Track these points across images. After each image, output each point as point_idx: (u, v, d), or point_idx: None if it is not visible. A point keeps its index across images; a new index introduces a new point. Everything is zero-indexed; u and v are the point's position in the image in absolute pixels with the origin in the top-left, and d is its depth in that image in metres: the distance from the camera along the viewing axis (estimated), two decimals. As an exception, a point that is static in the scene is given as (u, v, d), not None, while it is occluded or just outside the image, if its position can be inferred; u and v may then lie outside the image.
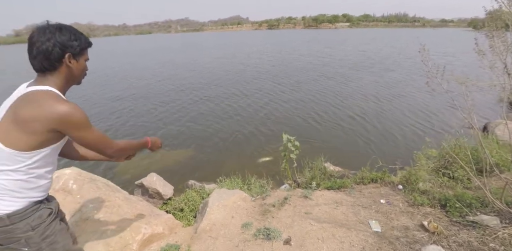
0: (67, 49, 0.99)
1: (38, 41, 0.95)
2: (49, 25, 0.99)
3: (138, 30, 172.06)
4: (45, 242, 1.05)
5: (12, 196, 0.97)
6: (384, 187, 2.66)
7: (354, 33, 50.22)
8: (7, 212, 0.96)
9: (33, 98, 0.93)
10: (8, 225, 0.97)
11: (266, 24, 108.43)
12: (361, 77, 11.13)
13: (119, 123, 6.96)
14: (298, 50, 23.10)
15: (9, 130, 0.92)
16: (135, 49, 33.93)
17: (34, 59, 0.97)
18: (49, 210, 1.09)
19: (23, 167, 0.96)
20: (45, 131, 0.93)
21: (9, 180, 0.96)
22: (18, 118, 0.91)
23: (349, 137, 5.58)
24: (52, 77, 1.00)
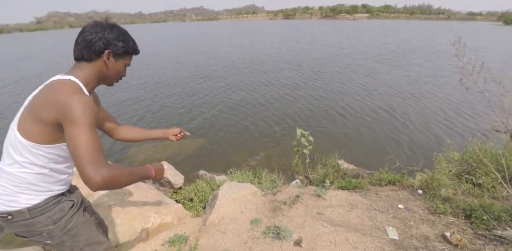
0: (110, 46, 0.99)
1: (87, 31, 0.97)
2: (105, 22, 1.01)
3: (154, 19, 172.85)
4: (67, 235, 1.06)
5: (33, 189, 0.96)
6: (403, 190, 2.52)
7: (373, 24, 48.06)
8: (27, 205, 0.95)
9: (51, 87, 0.90)
10: (28, 219, 0.97)
11: (281, 14, 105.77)
12: (386, 71, 10.62)
13: (134, 108, 7.04)
14: (318, 40, 22.41)
15: (27, 120, 0.89)
16: (152, 38, 34.00)
17: (77, 46, 0.97)
18: (71, 202, 1.09)
19: (41, 160, 0.94)
20: (52, 122, 0.86)
21: (29, 173, 0.94)
22: (32, 105, 0.89)
23: (366, 133, 5.37)
24: (85, 68, 0.99)
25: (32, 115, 0.88)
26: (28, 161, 0.92)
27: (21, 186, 0.94)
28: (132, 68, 12.42)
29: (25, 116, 0.90)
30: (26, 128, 0.89)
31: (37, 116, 0.87)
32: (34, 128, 0.88)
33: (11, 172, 0.93)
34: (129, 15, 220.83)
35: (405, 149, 4.75)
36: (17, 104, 7.85)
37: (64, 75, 0.96)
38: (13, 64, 14.87)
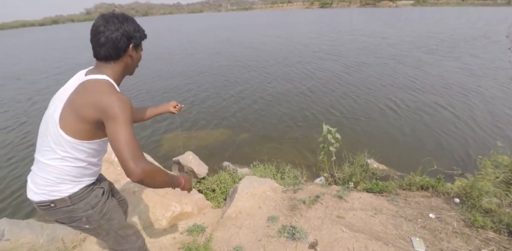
0: (132, 39, 1.02)
1: (107, 30, 0.96)
2: (117, 15, 1.01)
3: (191, 9, 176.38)
4: (103, 219, 1.15)
5: (72, 180, 1.05)
6: (436, 197, 2.30)
7: (419, 12, 43.46)
8: (68, 194, 1.04)
9: (89, 87, 0.95)
10: (70, 205, 1.06)
11: (318, 3, 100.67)
12: (436, 62, 9.66)
13: (172, 95, 7.34)
14: (358, 30, 21.06)
15: (69, 118, 0.95)
16: (191, 28, 34.70)
17: (102, 48, 0.98)
18: (102, 189, 1.18)
19: (83, 155, 1.03)
20: (93, 121, 0.94)
21: (71, 167, 1.02)
22: (74, 107, 0.95)
23: (403, 131, 4.97)
24: (113, 66, 1.03)
25: (75, 115, 0.94)
26: (72, 156, 1.01)
27: (62, 177, 1.02)
28: (173, 58, 13.03)
29: (68, 115, 0.96)
30: (70, 126, 0.96)
31: (80, 116, 0.94)
32: (78, 126, 0.95)
33: (54, 165, 1.01)
34: (168, 5, 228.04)
35: (445, 150, 4.34)
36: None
37: (95, 74, 1.00)
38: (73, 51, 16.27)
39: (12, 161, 4.74)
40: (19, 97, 8.24)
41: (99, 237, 1.24)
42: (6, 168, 4.54)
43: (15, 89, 9.43)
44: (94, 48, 1.00)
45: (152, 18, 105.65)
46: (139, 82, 9.19)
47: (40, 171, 1.03)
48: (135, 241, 1.31)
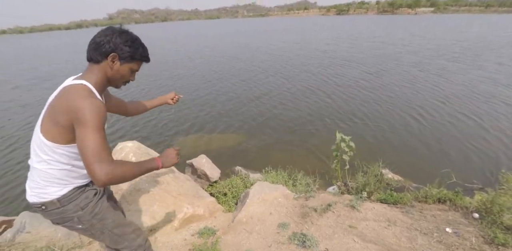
0: (116, 50, 1.04)
1: (99, 34, 1.05)
2: (117, 28, 1.08)
3: (208, 15, 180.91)
4: (95, 218, 1.17)
5: (59, 183, 1.08)
6: (454, 211, 2.23)
7: (440, 19, 42.32)
8: (56, 196, 1.07)
9: (66, 92, 0.98)
10: (59, 207, 1.09)
11: (334, 10, 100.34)
12: (461, 71, 9.39)
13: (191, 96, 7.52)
14: (377, 37, 20.81)
15: (48, 123, 0.99)
16: (209, 33, 35.52)
17: (88, 47, 1.06)
18: (94, 190, 1.19)
19: (64, 158, 1.04)
20: (68, 125, 0.94)
21: (55, 169, 1.05)
22: (51, 111, 0.98)
23: (420, 140, 4.83)
24: (94, 70, 1.06)
25: (51, 119, 0.97)
26: (53, 159, 1.03)
27: (49, 180, 1.06)
28: (193, 62, 13.38)
29: (46, 120, 0.99)
30: (48, 130, 0.98)
31: (56, 120, 0.96)
32: (55, 130, 0.97)
33: (40, 168, 1.05)
34: (187, 11, 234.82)
35: (465, 162, 4.18)
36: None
37: (77, 79, 1.04)
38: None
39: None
40: (46, 97, 8.66)
41: (94, 237, 1.25)
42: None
43: (43, 89, 9.94)
44: (87, 50, 1.07)
45: (170, 23, 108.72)
46: (160, 84, 9.49)
47: (31, 174, 1.08)
48: (134, 239, 1.31)
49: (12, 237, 2.41)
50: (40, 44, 38.61)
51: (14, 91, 10.04)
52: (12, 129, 6.34)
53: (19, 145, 5.51)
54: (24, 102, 8.41)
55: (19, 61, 19.15)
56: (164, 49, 20.40)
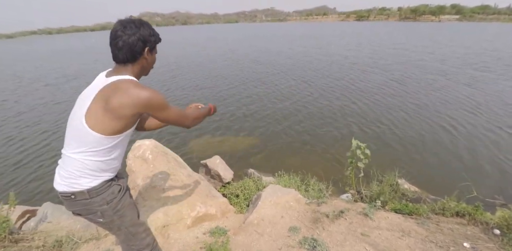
0: (147, 43, 1.11)
1: (125, 35, 1.05)
2: (133, 20, 1.08)
3: (227, 19, 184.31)
4: (116, 215, 1.21)
5: (91, 174, 1.12)
6: (473, 226, 2.15)
7: (466, 27, 40.56)
8: (87, 187, 1.11)
9: (120, 87, 1.03)
10: (87, 198, 1.13)
11: (354, 16, 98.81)
12: (492, 81, 9.01)
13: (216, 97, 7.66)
14: (400, 44, 20.25)
15: (100, 116, 1.02)
16: (229, 37, 36.11)
17: (120, 51, 1.07)
18: (119, 186, 1.23)
19: (105, 149, 1.10)
20: (131, 115, 1.05)
21: (91, 161, 1.09)
22: (108, 106, 1.01)
23: (440, 152, 4.67)
24: (131, 68, 1.11)
25: (109, 114, 1.02)
26: (92, 150, 1.08)
27: (83, 171, 1.09)
28: (215, 65, 13.66)
29: (96, 113, 1.02)
30: (98, 123, 1.03)
31: (115, 114, 1.02)
32: (109, 122, 1.03)
33: (76, 158, 1.08)
34: (206, 15, 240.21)
35: (488, 176, 4.01)
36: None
37: (120, 75, 1.08)
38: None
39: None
40: (75, 96, 9.14)
41: (111, 231, 1.31)
42: (54, 158, 5.01)
43: (71, 87, 10.47)
44: (113, 52, 1.09)
45: (190, 27, 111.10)
46: (183, 86, 9.74)
47: (65, 164, 1.12)
48: (144, 238, 1.36)
49: (35, 226, 2.54)
50: (68, 45, 40.59)
51: (46, 88, 10.62)
52: (46, 124, 6.69)
53: (52, 140, 5.79)
54: (57, 99, 8.87)
55: (50, 60, 20.21)
56: (186, 52, 20.93)
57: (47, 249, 2.06)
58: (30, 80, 12.56)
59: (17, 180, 4.34)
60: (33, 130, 6.31)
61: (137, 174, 2.68)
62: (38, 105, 8.22)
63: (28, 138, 5.91)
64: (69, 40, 49.56)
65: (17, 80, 12.69)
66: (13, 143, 5.69)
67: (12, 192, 2.37)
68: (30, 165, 4.78)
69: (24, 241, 2.14)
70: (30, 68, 16.53)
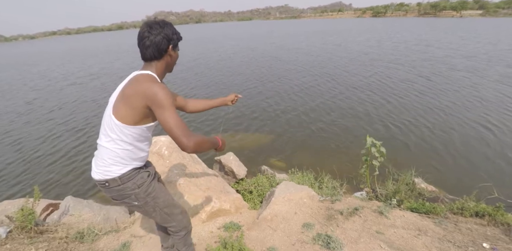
0: (171, 41, 1.20)
1: (151, 35, 1.15)
2: (158, 21, 1.19)
3: (240, 17, 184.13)
4: (149, 197, 1.31)
5: (122, 163, 1.22)
6: (493, 227, 2.08)
7: (490, 23, 38.43)
8: (118, 174, 1.22)
9: (136, 79, 1.16)
10: (120, 184, 1.23)
11: (370, 12, 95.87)
12: None
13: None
14: (423, 40, 19.44)
15: (120, 106, 1.14)
16: (244, 35, 36.08)
17: (147, 49, 1.17)
18: (147, 172, 1.33)
19: (129, 138, 1.19)
20: (141, 107, 1.11)
21: (120, 149, 1.20)
22: (124, 95, 1.14)
23: (461, 151, 4.52)
24: (156, 64, 1.21)
25: (125, 103, 1.12)
26: (119, 139, 1.18)
27: (114, 158, 1.20)
28: (235, 63, 13.75)
29: (119, 103, 1.14)
30: (120, 112, 1.13)
31: (129, 104, 1.11)
32: (126, 112, 1.13)
33: (108, 147, 1.20)
34: (220, 13, 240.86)
35: (510, 177, 3.86)
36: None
37: (143, 70, 1.20)
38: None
39: (88, 148, 5.42)
40: (101, 94, 9.46)
41: (147, 214, 1.38)
42: (77, 154, 5.21)
43: (95, 86, 10.84)
44: (141, 51, 1.19)
45: (204, 25, 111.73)
46: (204, 83, 9.86)
47: (99, 153, 1.23)
48: (181, 220, 1.45)
49: (58, 219, 2.66)
50: (87, 44, 41.76)
51: (72, 87, 11.04)
52: (73, 122, 6.96)
53: (85, 138, 6.02)
54: (83, 98, 9.20)
55: (71, 60, 20.90)
56: (204, 50, 21.07)
57: (70, 240, 2.16)
58: (56, 79, 13.08)
59: (40, 174, 4.55)
60: (60, 127, 6.57)
61: (153, 170, 2.76)
62: (66, 104, 8.53)
63: (59, 135, 6.15)
64: (88, 40, 51.01)
65: (46, 79, 13.26)
66: (43, 141, 5.96)
67: (36, 185, 2.49)
68: (53, 160, 4.99)
69: (49, 233, 2.26)
70: (54, 68, 17.17)
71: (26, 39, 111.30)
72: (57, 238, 2.14)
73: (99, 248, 2.04)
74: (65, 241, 2.12)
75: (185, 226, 1.49)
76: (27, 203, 2.26)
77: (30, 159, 5.08)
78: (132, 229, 2.31)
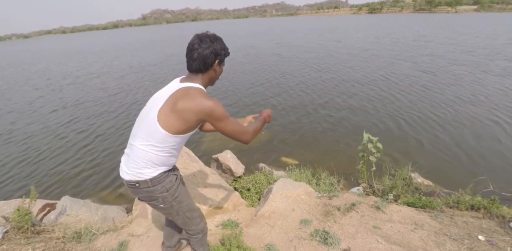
0: (218, 56, 1.23)
1: (200, 48, 1.18)
2: (209, 35, 1.22)
3: (236, 14, 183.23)
4: (175, 201, 1.35)
5: (153, 166, 1.25)
6: (488, 220, 2.10)
7: (485, 18, 38.41)
8: (149, 177, 1.25)
9: (189, 93, 1.17)
10: (150, 186, 1.26)
11: (366, 8, 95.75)
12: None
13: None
14: (422, 36, 19.23)
15: (168, 116, 1.16)
16: (242, 32, 35.85)
17: (194, 61, 1.20)
18: (175, 176, 1.37)
19: (168, 146, 1.22)
20: (195, 120, 1.17)
21: (156, 154, 1.22)
22: (176, 108, 1.14)
23: (456, 145, 4.55)
24: (201, 77, 1.25)
25: (176, 115, 1.15)
26: (159, 144, 1.20)
27: (147, 162, 1.22)
28: (236, 61, 13.61)
29: (167, 113, 1.16)
30: (168, 122, 1.16)
31: (182, 117, 1.15)
32: (176, 123, 1.16)
33: (145, 149, 1.21)
34: (216, 11, 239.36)
35: (506, 171, 3.89)
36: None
37: (192, 83, 1.22)
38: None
39: (85, 148, 5.38)
40: (102, 94, 9.34)
41: (170, 216, 1.44)
42: (73, 155, 5.17)
43: (95, 85, 10.73)
44: (188, 62, 1.22)
45: (201, 23, 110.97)
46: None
47: (132, 154, 1.25)
48: (199, 223, 1.51)
49: (55, 219, 2.65)
50: (82, 43, 41.36)
51: (73, 86, 10.91)
52: (76, 123, 6.89)
53: (72, 138, 5.98)
54: (84, 98, 9.11)
55: (69, 59, 20.68)
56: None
57: (67, 240, 2.15)
58: (56, 78, 12.90)
59: (36, 174, 4.53)
60: (60, 128, 6.51)
61: (150, 168, 2.74)
62: (69, 105, 8.40)
63: (56, 136, 6.11)
64: (83, 39, 50.54)
65: (45, 78, 13.13)
66: (40, 140, 5.92)
67: (32, 186, 2.48)
68: (48, 160, 4.96)
69: (46, 233, 2.24)
70: (53, 67, 16.93)
71: (20, 38, 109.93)
72: (54, 238, 2.13)
73: (97, 248, 2.03)
74: (62, 241, 2.11)
75: (203, 229, 1.54)
76: (24, 204, 2.25)
77: (28, 159, 5.05)
78: (129, 228, 2.31)
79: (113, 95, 8.90)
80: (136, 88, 9.55)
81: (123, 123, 6.38)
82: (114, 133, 5.92)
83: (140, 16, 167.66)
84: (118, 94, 8.96)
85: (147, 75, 11.66)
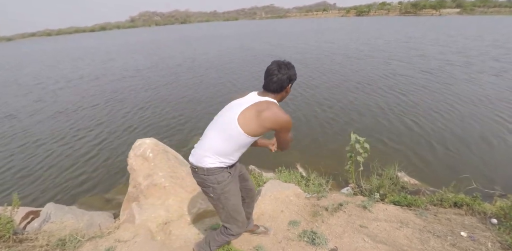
0: (291, 81, 1.44)
1: (280, 73, 1.39)
2: (286, 64, 1.42)
3: (226, 17, 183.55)
4: (223, 195, 1.47)
5: (214, 158, 1.40)
6: (471, 216, 2.17)
7: (468, 20, 39.89)
8: (207, 166, 1.40)
9: (271, 107, 1.36)
10: (205, 175, 1.42)
11: (354, 11, 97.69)
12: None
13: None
14: (411, 38, 19.71)
15: (250, 120, 1.34)
16: (234, 35, 35.85)
17: (273, 84, 1.40)
18: (228, 173, 1.49)
19: (238, 145, 1.40)
20: (269, 128, 1.36)
21: (225, 148, 1.39)
22: (261, 116, 1.33)
23: (441, 145, 4.68)
24: (276, 96, 1.45)
25: (258, 121, 1.34)
26: (230, 140, 1.37)
27: (213, 153, 1.39)
28: (229, 65, 13.55)
29: (249, 119, 1.34)
30: (249, 125, 1.34)
31: (262, 123, 1.34)
32: (254, 127, 1.35)
33: (218, 141, 1.39)
34: (206, 13, 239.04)
35: (487, 168, 4.01)
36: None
37: (270, 98, 1.42)
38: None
39: (70, 156, 5.25)
40: (100, 98, 9.11)
41: (216, 208, 1.55)
42: (59, 161, 5.04)
43: (90, 88, 10.52)
44: (267, 83, 1.41)
45: (190, 25, 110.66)
46: (210, 86, 9.74)
47: (205, 142, 1.43)
48: (239, 227, 1.60)
49: (38, 226, 2.57)
50: (70, 46, 40.53)
51: (67, 90, 10.63)
52: (59, 129, 6.72)
53: (62, 144, 5.83)
54: (82, 102, 8.88)
55: (60, 62, 20.14)
56: (200, 50, 20.42)
57: (51, 248, 2.09)
58: (51, 81, 12.51)
59: (19, 181, 4.39)
60: (51, 134, 6.33)
61: (138, 172, 2.71)
62: (67, 110, 8.17)
63: (42, 143, 5.95)
64: (69, 42, 49.49)
65: (36, 81, 12.72)
66: (26, 147, 5.75)
67: (15, 193, 2.40)
68: (33, 166, 4.83)
69: (28, 241, 2.18)
70: (45, 70, 16.39)
71: (2, 41, 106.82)
72: (37, 246, 2.07)
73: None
74: (45, 249, 2.05)
75: (238, 233, 1.63)
76: (5, 212, 2.18)
77: (9, 166, 4.90)
78: (116, 234, 2.27)
79: (92, 104, 8.73)
80: (113, 93, 9.36)
81: (107, 129, 6.28)
82: (97, 138, 5.82)
83: (128, 18, 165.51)
84: (97, 103, 8.81)
85: (142, 80, 11.49)
